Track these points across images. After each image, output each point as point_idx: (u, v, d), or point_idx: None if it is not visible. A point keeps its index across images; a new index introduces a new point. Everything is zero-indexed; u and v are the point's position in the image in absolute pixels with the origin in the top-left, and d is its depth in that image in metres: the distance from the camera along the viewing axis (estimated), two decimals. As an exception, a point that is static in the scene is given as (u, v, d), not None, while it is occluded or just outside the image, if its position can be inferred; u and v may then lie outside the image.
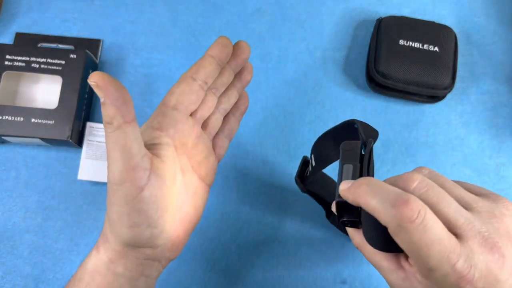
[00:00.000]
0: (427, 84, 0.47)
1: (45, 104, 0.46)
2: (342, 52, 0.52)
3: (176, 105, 0.32)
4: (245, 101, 0.39)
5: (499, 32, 0.53)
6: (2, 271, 0.44)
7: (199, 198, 0.35)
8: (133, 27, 0.52)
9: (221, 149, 0.37)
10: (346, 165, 0.29)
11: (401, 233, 0.23)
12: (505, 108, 0.50)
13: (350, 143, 0.30)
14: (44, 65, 0.46)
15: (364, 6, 0.54)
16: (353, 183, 0.26)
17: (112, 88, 0.25)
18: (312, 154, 0.38)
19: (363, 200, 0.25)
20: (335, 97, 0.50)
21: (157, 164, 0.29)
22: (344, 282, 0.44)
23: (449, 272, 0.22)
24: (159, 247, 0.30)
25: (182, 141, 0.32)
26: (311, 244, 0.45)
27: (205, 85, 0.33)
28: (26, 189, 0.46)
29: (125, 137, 0.26)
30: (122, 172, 0.27)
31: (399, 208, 0.23)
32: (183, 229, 0.33)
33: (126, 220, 0.28)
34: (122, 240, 0.29)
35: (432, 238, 0.22)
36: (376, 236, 0.27)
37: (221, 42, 0.34)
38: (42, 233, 0.45)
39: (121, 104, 0.25)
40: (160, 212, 0.29)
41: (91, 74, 0.25)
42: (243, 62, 0.36)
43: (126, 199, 0.27)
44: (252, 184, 0.47)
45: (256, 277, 0.44)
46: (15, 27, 0.51)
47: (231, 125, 0.38)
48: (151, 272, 0.31)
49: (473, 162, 0.48)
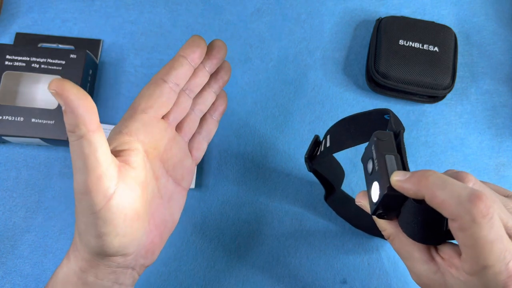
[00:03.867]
0: (427, 84, 0.47)
1: (45, 104, 0.46)
2: (342, 52, 0.52)
3: (146, 109, 0.31)
4: (223, 101, 0.38)
5: (499, 32, 0.53)
6: (2, 271, 0.44)
7: (175, 202, 0.34)
8: (133, 27, 0.52)
9: (199, 151, 0.37)
10: (388, 155, 0.28)
11: (471, 227, 0.23)
12: (504, 108, 0.50)
13: (383, 133, 0.29)
14: (44, 65, 0.46)
15: (364, 6, 0.54)
16: (414, 174, 0.26)
17: (72, 95, 0.23)
18: (328, 135, 0.37)
19: (430, 192, 0.25)
20: (335, 97, 0.50)
21: (125, 172, 0.28)
22: (344, 282, 0.44)
23: (502, 270, 0.23)
24: (131, 255, 0.30)
25: (153, 145, 0.32)
26: (311, 244, 0.45)
27: (176, 86, 0.32)
28: (27, 189, 0.46)
29: (89, 146, 0.25)
30: (87, 182, 0.25)
31: (475, 203, 0.23)
32: (159, 234, 0.32)
33: (93, 230, 0.27)
34: (91, 249, 0.28)
35: (496, 236, 0.23)
36: (418, 228, 0.27)
37: (193, 41, 0.33)
38: (42, 233, 0.45)
39: (83, 112, 0.24)
40: (129, 221, 0.28)
41: (51, 81, 0.23)
42: (219, 62, 0.35)
43: (92, 209, 0.26)
44: (252, 184, 0.47)
45: (256, 277, 0.44)
46: (15, 27, 0.51)
47: (209, 126, 0.37)
48: (124, 280, 0.30)
49: (473, 162, 0.48)
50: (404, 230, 0.28)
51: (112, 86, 0.50)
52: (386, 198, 0.27)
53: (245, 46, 0.52)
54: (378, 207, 0.28)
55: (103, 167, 0.26)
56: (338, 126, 0.36)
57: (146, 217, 0.30)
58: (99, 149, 0.25)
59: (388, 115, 0.32)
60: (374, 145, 0.29)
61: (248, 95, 0.50)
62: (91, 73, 0.48)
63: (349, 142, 0.35)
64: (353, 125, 0.35)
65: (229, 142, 0.48)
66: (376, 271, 0.44)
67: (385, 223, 0.30)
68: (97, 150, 0.25)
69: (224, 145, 0.48)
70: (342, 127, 0.36)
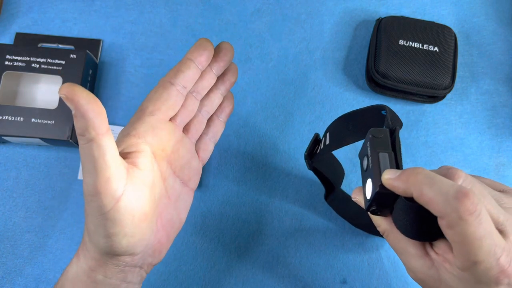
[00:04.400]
0: (427, 84, 0.47)
1: (45, 104, 0.46)
2: (342, 52, 0.52)
3: (154, 111, 0.32)
4: (230, 103, 0.38)
5: (499, 32, 0.53)
6: (3, 271, 0.44)
7: (182, 202, 0.34)
8: (133, 27, 0.52)
9: (205, 152, 0.37)
10: (381, 153, 0.28)
11: (459, 225, 0.23)
12: (504, 108, 0.50)
13: (379, 130, 0.29)
14: (44, 65, 0.46)
15: (364, 6, 0.54)
16: (404, 172, 0.26)
17: (83, 100, 0.24)
18: (328, 133, 0.37)
19: (418, 189, 0.25)
20: (335, 97, 0.50)
21: (133, 173, 0.29)
22: (344, 282, 0.44)
23: (493, 265, 0.23)
24: (139, 255, 0.30)
25: (161, 147, 0.32)
26: (311, 244, 0.45)
27: (184, 89, 0.33)
28: (27, 189, 0.46)
29: (98, 149, 0.26)
30: (96, 184, 0.26)
31: (461, 200, 0.23)
32: (166, 234, 0.32)
33: (102, 230, 0.27)
34: (100, 249, 0.29)
35: (485, 232, 0.23)
36: (410, 224, 0.27)
37: (201, 44, 0.33)
38: (42, 233, 0.45)
39: (93, 116, 0.25)
40: (137, 222, 0.28)
41: (61, 86, 0.24)
42: (226, 64, 0.35)
43: (101, 210, 0.27)
44: (252, 184, 0.47)
45: (256, 277, 0.44)
46: (15, 27, 0.51)
47: (216, 128, 0.38)
48: (132, 278, 0.31)
49: (473, 162, 0.48)
50: (398, 226, 0.28)
51: (112, 86, 0.50)
52: (378, 195, 0.28)
53: (245, 46, 0.52)
54: (372, 204, 0.29)
55: (112, 169, 0.26)
56: (337, 124, 0.37)
57: (154, 218, 0.31)
58: (108, 152, 0.26)
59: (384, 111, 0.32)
60: (369, 142, 0.29)
61: (248, 95, 0.50)
62: (91, 73, 0.48)
63: (349, 138, 0.36)
64: (351, 122, 0.35)
65: (229, 142, 0.48)
66: (376, 271, 0.44)
67: (380, 219, 0.30)
68: (106, 153, 0.26)
69: (224, 145, 0.48)
70: (340, 124, 0.36)
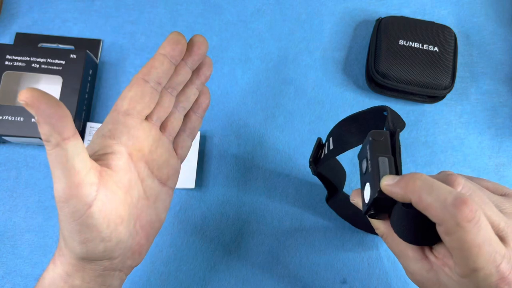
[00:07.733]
0: (427, 84, 0.47)
1: (45, 104, 0.46)
2: (342, 52, 0.52)
3: (128, 110, 0.31)
4: (206, 97, 0.37)
5: (499, 32, 0.53)
6: (3, 271, 0.44)
7: (161, 202, 0.34)
8: (133, 27, 0.52)
9: (183, 149, 0.36)
10: (381, 157, 0.28)
11: (457, 232, 0.23)
12: (504, 108, 0.50)
13: (379, 132, 0.29)
14: (44, 65, 0.46)
15: (364, 6, 0.54)
16: (402, 178, 0.26)
17: (43, 105, 0.23)
18: (331, 137, 0.37)
19: (417, 196, 0.25)
20: (335, 97, 0.50)
21: (107, 176, 0.28)
22: (344, 282, 0.44)
23: (492, 272, 0.23)
24: (118, 258, 0.29)
25: (137, 148, 0.31)
26: (311, 244, 0.45)
27: (158, 86, 0.32)
28: (27, 189, 0.46)
29: (65, 154, 0.24)
30: (66, 190, 0.25)
31: (459, 207, 0.23)
32: (145, 236, 0.32)
33: (77, 236, 0.27)
34: (76, 255, 0.28)
35: (483, 239, 0.23)
36: (408, 230, 0.27)
37: (173, 38, 0.32)
38: (42, 233, 0.45)
39: (56, 121, 0.23)
40: (113, 225, 0.28)
41: (20, 92, 0.23)
42: (200, 58, 0.34)
43: (74, 216, 0.26)
44: (252, 184, 0.47)
45: (256, 277, 0.44)
46: (15, 27, 0.51)
47: (193, 124, 0.37)
48: (112, 282, 0.30)
49: (473, 162, 0.48)
50: (395, 231, 0.28)
51: (112, 86, 0.50)
52: (376, 201, 0.28)
53: (245, 46, 0.52)
54: (370, 208, 0.28)
55: (82, 174, 0.25)
56: (339, 127, 0.36)
57: (131, 220, 0.30)
58: (75, 157, 0.25)
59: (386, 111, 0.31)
60: (369, 145, 0.29)
61: (248, 95, 0.50)
62: (91, 73, 0.48)
63: (352, 142, 0.35)
64: (354, 125, 0.35)
65: (229, 142, 0.48)
66: (376, 271, 0.44)
67: (378, 222, 0.30)
68: (73, 158, 0.25)
69: (224, 145, 0.48)
70: (343, 128, 0.36)
